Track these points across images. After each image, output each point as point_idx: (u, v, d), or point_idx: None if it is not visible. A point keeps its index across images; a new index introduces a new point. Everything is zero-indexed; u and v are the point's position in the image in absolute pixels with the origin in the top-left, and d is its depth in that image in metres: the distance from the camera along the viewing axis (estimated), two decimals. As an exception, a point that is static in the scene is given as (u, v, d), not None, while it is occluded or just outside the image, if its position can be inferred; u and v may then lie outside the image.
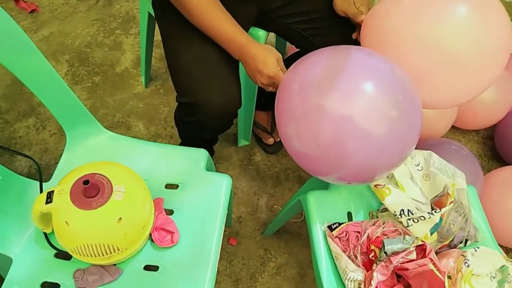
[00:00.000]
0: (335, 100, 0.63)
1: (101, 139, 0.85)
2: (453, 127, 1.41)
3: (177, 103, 0.92)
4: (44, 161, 1.29)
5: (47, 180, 0.80)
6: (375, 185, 0.81)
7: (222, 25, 0.81)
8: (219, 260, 1.15)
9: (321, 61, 0.69)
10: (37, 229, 0.71)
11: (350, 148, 0.63)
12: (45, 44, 1.58)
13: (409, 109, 0.66)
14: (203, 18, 0.81)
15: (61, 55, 1.56)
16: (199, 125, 0.91)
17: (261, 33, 1.02)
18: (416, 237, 0.69)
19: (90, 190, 0.62)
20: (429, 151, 0.85)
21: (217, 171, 1.32)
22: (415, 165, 0.84)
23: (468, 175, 1.11)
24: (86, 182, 0.60)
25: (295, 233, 1.24)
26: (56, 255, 0.71)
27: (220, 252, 1.17)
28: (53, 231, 0.69)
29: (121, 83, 1.51)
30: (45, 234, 0.71)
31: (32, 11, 1.67)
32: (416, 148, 1.25)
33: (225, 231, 1.22)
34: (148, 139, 1.38)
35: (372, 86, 0.64)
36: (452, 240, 0.76)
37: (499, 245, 1.19)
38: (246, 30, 1.02)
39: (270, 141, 1.36)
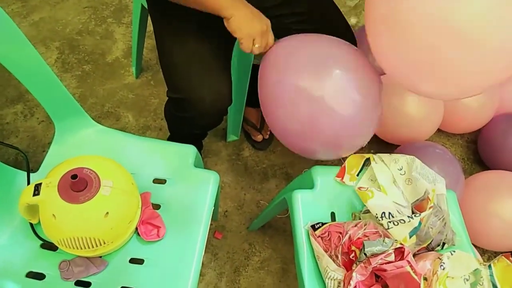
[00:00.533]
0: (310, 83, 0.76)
1: (90, 132, 0.85)
2: (438, 130, 1.44)
3: (167, 98, 0.93)
4: (31, 149, 1.28)
5: (35, 170, 0.81)
6: (359, 188, 0.83)
7: None
8: (204, 253, 1.18)
9: (304, 47, 0.79)
10: (23, 219, 0.71)
11: (322, 123, 0.77)
12: (35, 30, 1.56)
13: (369, 96, 0.79)
14: None
15: (51, 41, 1.54)
16: (189, 121, 0.92)
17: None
18: (395, 240, 0.72)
19: (78, 184, 0.62)
20: (412, 156, 0.87)
21: (206, 165, 1.34)
22: (398, 169, 0.86)
23: (450, 178, 1.15)
24: (74, 177, 0.61)
25: (280, 228, 1.26)
26: (42, 246, 0.72)
27: (206, 245, 1.19)
28: (39, 222, 0.70)
29: (112, 72, 1.50)
30: (31, 224, 0.72)
31: (23, -5, 1.64)
32: (401, 150, 1.28)
33: (211, 224, 1.24)
34: (137, 130, 1.38)
35: (341, 74, 0.78)
36: (430, 243, 0.79)
37: (478, 247, 1.24)
38: None
39: (259, 138, 1.38)
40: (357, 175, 0.88)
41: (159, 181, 0.83)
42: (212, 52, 0.86)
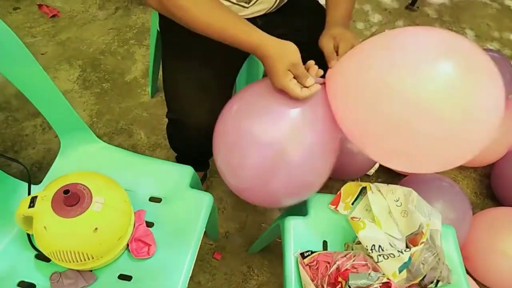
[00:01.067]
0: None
1: (93, 148, 0.89)
2: (450, 162, 1.41)
3: (167, 120, 0.96)
4: (45, 160, 1.34)
5: (39, 182, 0.85)
6: (352, 217, 0.82)
7: (228, 26, 0.74)
8: (201, 273, 1.18)
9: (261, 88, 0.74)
10: (21, 229, 0.75)
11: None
12: (61, 48, 1.66)
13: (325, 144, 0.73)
14: (204, 24, 0.74)
15: (75, 60, 1.63)
16: (188, 141, 0.94)
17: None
18: (383, 274, 0.70)
19: (70, 199, 0.65)
20: (410, 189, 0.86)
21: (211, 185, 1.36)
22: (395, 200, 0.85)
23: (457, 213, 1.12)
24: (66, 192, 0.64)
25: (280, 253, 1.23)
26: (37, 256, 0.75)
27: (204, 265, 1.20)
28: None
29: (129, 91, 1.56)
30: (28, 235, 0.75)
31: (53, 16, 1.75)
32: (407, 181, 1.26)
33: (211, 244, 1.25)
34: (147, 148, 1.42)
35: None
36: (423, 279, 0.77)
37: (484, 285, 1.18)
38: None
39: None
40: (352, 203, 0.87)
41: (155, 199, 0.85)
42: (214, 77, 0.89)
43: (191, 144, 0.99)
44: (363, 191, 0.89)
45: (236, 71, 1.01)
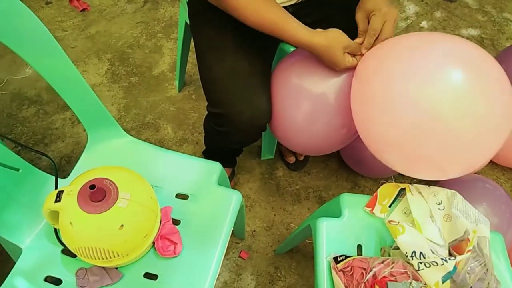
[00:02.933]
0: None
1: (120, 143, 0.87)
2: (491, 162, 1.32)
3: (207, 112, 0.93)
4: (74, 154, 1.34)
5: (67, 175, 0.83)
6: (389, 221, 0.77)
7: (278, 22, 0.76)
8: (227, 272, 1.15)
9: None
10: (48, 223, 0.73)
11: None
12: (90, 42, 1.66)
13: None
14: (258, 17, 0.77)
15: (104, 53, 1.63)
16: (227, 135, 0.91)
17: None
18: (425, 284, 0.65)
19: (96, 195, 0.63)
20: (454, 191, 0.79)
21: (238, 182, 1.33)
22: (437, 203, 0.79)
23: (500, 218, 1.04)
24: (92, 187, 0.62)
25: (309, 254, 1.21)
26: (63, 251, 0.74)
27: (230, 264, 1.17)
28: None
29: (156, 85, 1.55)
30: (55, 229, 0.74)
31: (83, 10, 1.76)
32: (444, 183, 1.19)
33: (237, 243, 1.22)
34: (174, 143, 1.41)
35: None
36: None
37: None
38: None
39: (291, 159, 1.34)
40: (389, 206, 0.82)
41: (181, 196, 0.82)
42: (251, 68, 0.86)
43: (229, 139, 0.95)
44: (401, 192, 0.83)
45: (270, 57, 0.98)
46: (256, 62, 0.89)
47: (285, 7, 0.91)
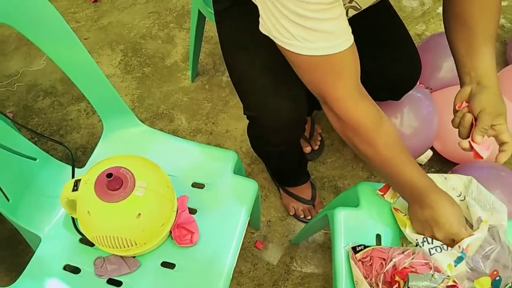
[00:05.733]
0: None
1: (136, 132, 0.87)
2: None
3: (247, 119, 0.90)
4: (89, 145, 1.35)
5: (83, 165, 0.84)
6: (395, 208, 0.75)
7: (405, 166, 0.70)
8: (242, 262, 1.15)
9: None
10: (66, 212, 0.74)
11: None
12: (103, 33, 1.66)
13: None
14: (388, 159, 0.70)
15: (117, 44, 1.63)
16: (271, 137, 0.88)
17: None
18: (448, 276, 0.63)
19: (113, 183, 0.63)
20: (470, 177, 0.77)
21: (253, 171, 1.32)
22: (457, 196, 0.77)
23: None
24: (109, 175, 0.62)
25: (325, 245, 1.20)
26: (81, 240, 0.74)
27: (246, 254, 1.17)
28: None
29: (169, 75, 1.55)
30: (72, 218, 0.74)
31: (95, 1, 1.75)
32: (457, 170, 1.15)
33: (252, 233, 1.21)
34: (188, 133, 1.40)
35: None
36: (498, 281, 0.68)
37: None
38: None
39: (307, 149, 1.32)
40: None
41: (197, 185, 0.82)
42: (283, 63, 0.83)
43: (274, 140, 0.91)
44: None
45: None
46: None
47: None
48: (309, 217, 1.22)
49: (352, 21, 0.68)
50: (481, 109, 0.66)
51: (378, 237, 0.77)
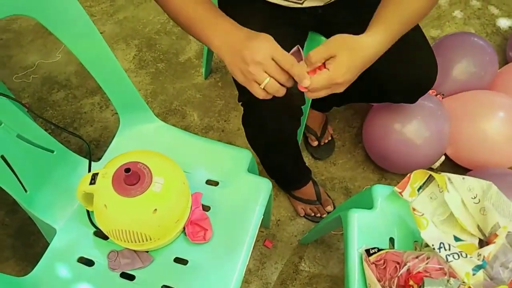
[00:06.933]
0: None
1: (152, 127, 0.87)
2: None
3: (241, 106, 0.90)
4: (103, 138, 1.36)
5: (99, 159, 0.84)
6: (414, 209, 0.74)
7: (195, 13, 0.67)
8: (251, 260, 1.15)
9: None
10: (81, 205, 0.74)
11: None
12: (118, 27, 1.67)
13: None
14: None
15: (132, 39, 1.63)
16: (264, 124, 0.88)
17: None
18: (463, 282, 0.63)
19: (131, 178, 0.63)
20: (489, 182, 0.76)
21: (262, 171, 1.32)
22: (472, 198, 0.76)
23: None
24: (127, 170, 0.62)
25: (333, 246, 1.20)
26: (95, 233, 0.75)
27: (254, 252, 1.17)
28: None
29: (183, 72, 1.55)
30: (87, 211, 0.75)
31: (111, -5, 1.76)
32: (476, 177, 1.15)
33: (261, 231, 1.21)
34: (200, 130, 1.40)
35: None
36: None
37: None
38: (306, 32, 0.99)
39: (314, 143, 1.33)
40: (418, 190, 0.79)
41: (211, 182, 0.82)
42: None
43: (267, 128, 0.91)
44: (430, 177, 0.80)
45: (302, 40, 0.95)
46: (285, 47, 0.86)
47: (315, 7, 0.89)
48: (319, 215, 1.22)
49: None
50: (330, 40, 0.62)
51: (392, 240, 0.77)
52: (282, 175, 1.19)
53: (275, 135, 0.94)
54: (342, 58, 0.60)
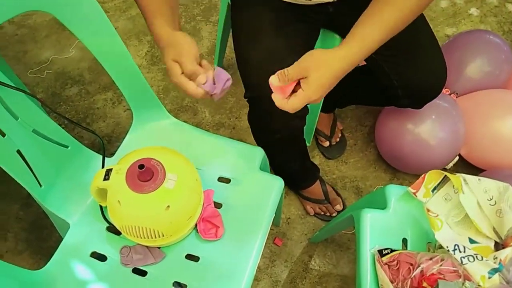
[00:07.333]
0: None
1: (165, 124, 0.87)
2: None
3: (247, 102, 0.91)
4: (115, 134, 1.37)
5: (111, 154, 0.85)
6: (428, 210, 0.73)
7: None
8: (261, 257, 1.15)
9: None
10: (94, 201, 0.75)
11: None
12: (131, 24, 1.67)
13: None
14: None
15: (144, 35, 1.64)
16: (269, 123, 0.89)
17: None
18: (479, 285, 0.62)
19: (144, 174, 0.63)
20: (507, 184, 0.75)
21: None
22: (488, 199, 0.75)
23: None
24: (141, 166, 0.62)
25: (344, 245, 1.19)
26: (108, 229, 0.75)
27: (264, 250, 1.17)
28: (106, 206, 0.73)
29: (194, 68, 1.55)
30: (100, 207, 0.75)
31: (124, -9, 1.77)
32: (490, 177, 1.13)
33: (272, 229, 1.21)
34: (211, 126, 1.41)
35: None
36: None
37: None
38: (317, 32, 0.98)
39: (325, 143, 1.32)
40: (432, 190, 0.78)
41: (223, 179, 0.82)
42: (288, 49, 0.84)
43: (272, 126, 0.91)
44: (445, 178, 0.79)
45: (309, 44, 0.95)
46: (295, 44, 0.86)
47: (325, 5, 0.88)
48: (328, 214, 1.21)
49: None
50: (301, 60, 0.64)
51: (405, 241, 0.76)
52: (287, 174, 1.18)
53: (279, 133, 0.93)
54: (312, 78, 0.62)
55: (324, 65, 0.63)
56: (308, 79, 0.63)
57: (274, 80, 0.65)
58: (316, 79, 0.62)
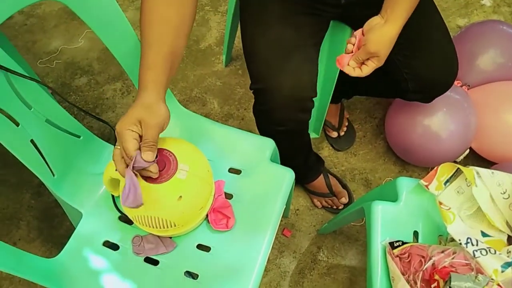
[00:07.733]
0: None
1: (175, 115, 0.87)
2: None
3: (252, 93, 0.90)
4: (124, 124, 1.37)
5: (122, 145, 0.85)
6: (440, 203, 0.73)
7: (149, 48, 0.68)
8: (270, 249, 1.16)
9: None
10: (106, 190, 0.76)
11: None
12: (139, 14, 1.66)
13: None
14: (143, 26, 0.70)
15: (153, 25, 1.63)
16: (271, 114, 0.89)
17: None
18: (492, 279, 0.61)
19: (157, 165, 0.64)
20: (520, 177, 0.74)
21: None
22: (501, 193, 0.74)
23: None
24: (154, 157, 0.62)
25: (352, 237, 1.19)
26: (120, 218, 0.76)
27: (273, 241, 1.18)
28: (119, 195, 0.73)
29: (203, 59, 1.54)
30: (112, 196, 0.76)
31: (133, -20, 1.76)
32: (503, 171, 1.12)
33: (281, 220, 1.21)
34: (220, 117, 1.40)
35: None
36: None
37: None
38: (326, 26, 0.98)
39: (333, 134, 1.31)
40: (445, 183, 0.77)
41: (234, 170, 0.82)
42: (295, 41, 0.83)
43: (274, 118, 0.91)
44: (458, 171, 0.78)
45: (318, 36, 0.94)
46: (302, 36, 0.86)
47: None
48: (335, 207, 1.21)
49: None
50: (365, 43, 0.74)
51: (416, 234, 0.76)
52: (291, 168, 1.18)
53: (284, 125, 0.92)
54: (382, 55, 0.75)
55: (389, 42, 0.74)
56: (379, 57, 0.75)
57: (348, 70, 0.77)
58: (385, 54, 0.75)
